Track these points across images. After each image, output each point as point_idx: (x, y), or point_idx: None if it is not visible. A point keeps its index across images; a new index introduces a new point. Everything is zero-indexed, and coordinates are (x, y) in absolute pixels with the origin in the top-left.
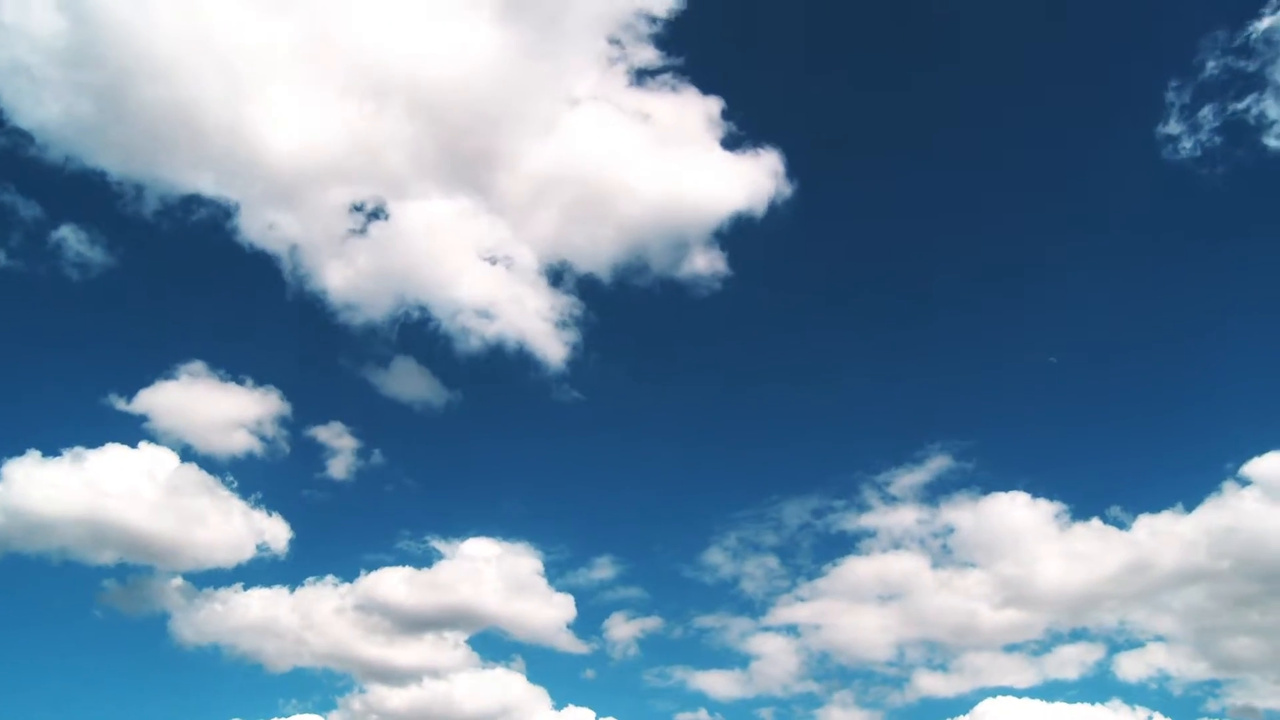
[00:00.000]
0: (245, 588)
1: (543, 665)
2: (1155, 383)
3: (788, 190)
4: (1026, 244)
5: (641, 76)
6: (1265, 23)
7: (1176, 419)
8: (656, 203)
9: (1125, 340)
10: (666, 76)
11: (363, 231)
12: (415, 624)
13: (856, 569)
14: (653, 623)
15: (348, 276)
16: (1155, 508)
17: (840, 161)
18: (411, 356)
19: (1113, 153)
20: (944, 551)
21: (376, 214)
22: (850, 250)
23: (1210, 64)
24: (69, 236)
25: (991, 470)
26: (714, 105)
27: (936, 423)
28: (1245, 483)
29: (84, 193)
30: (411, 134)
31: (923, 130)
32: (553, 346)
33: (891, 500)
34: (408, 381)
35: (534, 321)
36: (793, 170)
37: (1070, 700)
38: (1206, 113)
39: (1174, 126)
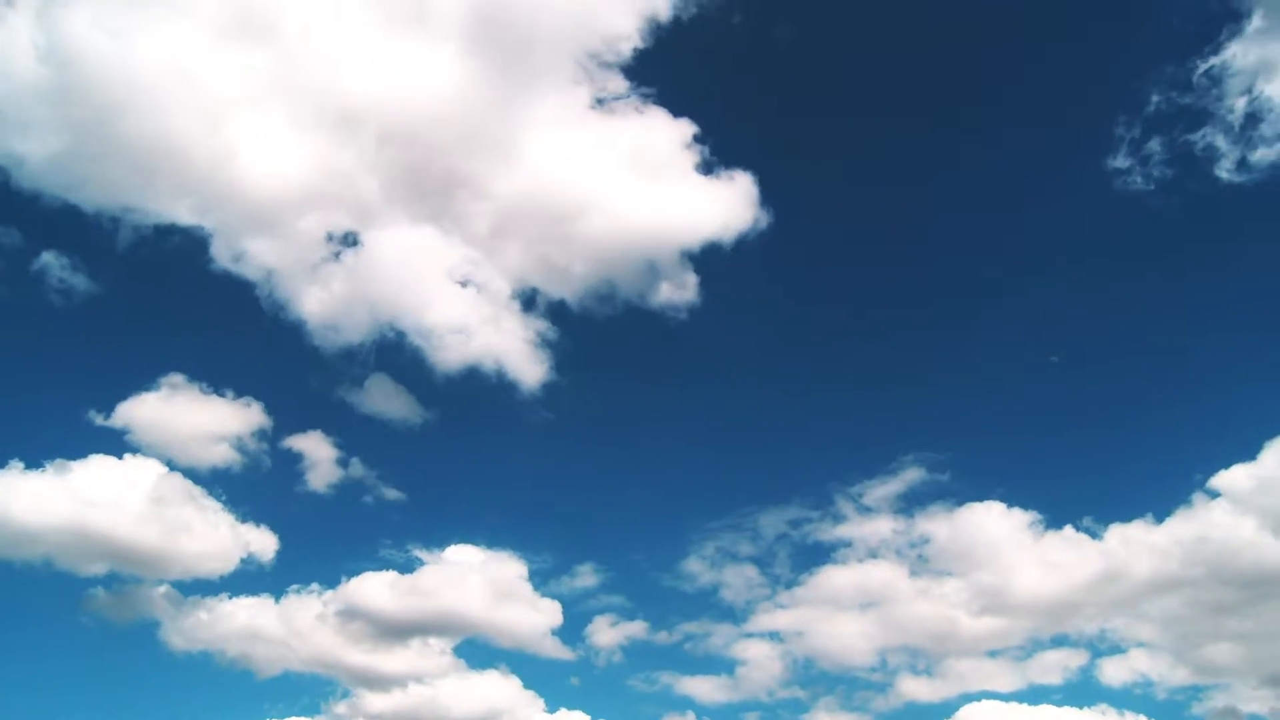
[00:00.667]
0: (231, 596)
1: (529, 671)
2: (1123, 398)
3: (759, 213)
4: (995, 267)
5: (611, 102)
6: (1211, 60)
7: (1145, 433)
8: (627, 227)
9: (1092, 358)
10: (637, 101)
11: (337, 258)
12: (401, 630)
13: (834, 578)
14: (637, 629)
15: (323, 301)
16: (1126, 518)
17: (811, 186)
18: (388, 376)
19: (1077, 182)
20: (921, 561)
21: (349, 241)
22: (820, 273)
23: (1159, 99)
24: (51, 263)
25: (965, 481)
26: (685, 130)
27: (909, 436)
28: (1214, 495)
29: (64, 222)
30: (382, 162)
31: (891, 159)
32: (527, 368)
33: (866, 511)
34: (385, 400)
35: (508, 344)
36: (764, 193)
37: (1055, 704)
38: (1156, 146)
39: (1123, 160)
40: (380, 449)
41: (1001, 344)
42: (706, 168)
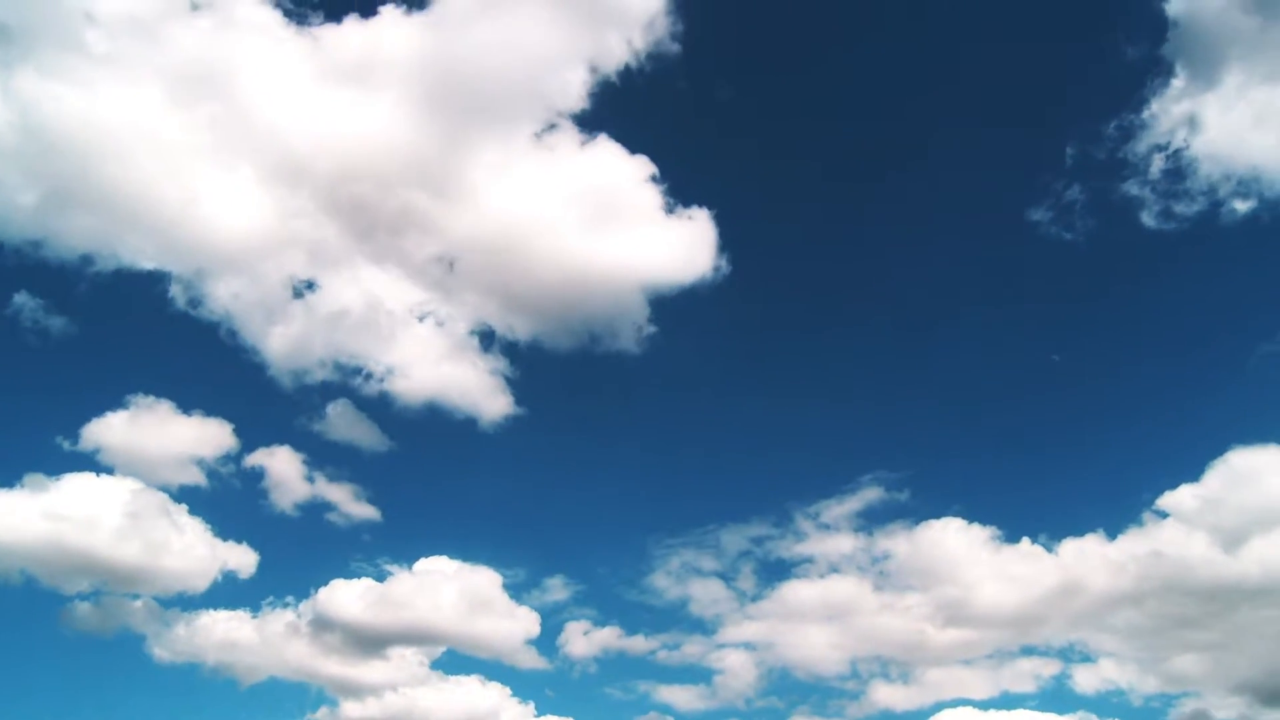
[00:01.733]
0: (211, 609)
1: (506, 680)
2: (1074, 421)
3: (717, 247)
4: (946, 300)
5: (563, 142)
6: (1136, 114)
7: (1095, 455)
8: (582, 264)
9: (1038, 385)
10: (596, 141)
11: (297, 298)
12: (379, 640)
13: (800, 591)
14: (611, 640)
15: (286, 339)
16: (1080, 533)
17: (766, 221)
18: (351, 404)
19: (1017, 224)
20: (883, 576)
21: (309, 284)
22: (775, 307)
23: (1085, 152)
24: (26, 304)
25: (922, 499)
26: (643, 170)
27: (866, 458)
28: (1163, 514)
29: (36, 267)
30: (339, 206)
31: (844, 196)
32: (488, 401)
33: (826, 528)
34: (350, 429)
35: (468, 378)
36: (722, 228)
37: (1032, 710)
38: (1081, 195)
39: (1047, 211)
40: (349, 469)
41: (955, 371)
42: (663, 205)
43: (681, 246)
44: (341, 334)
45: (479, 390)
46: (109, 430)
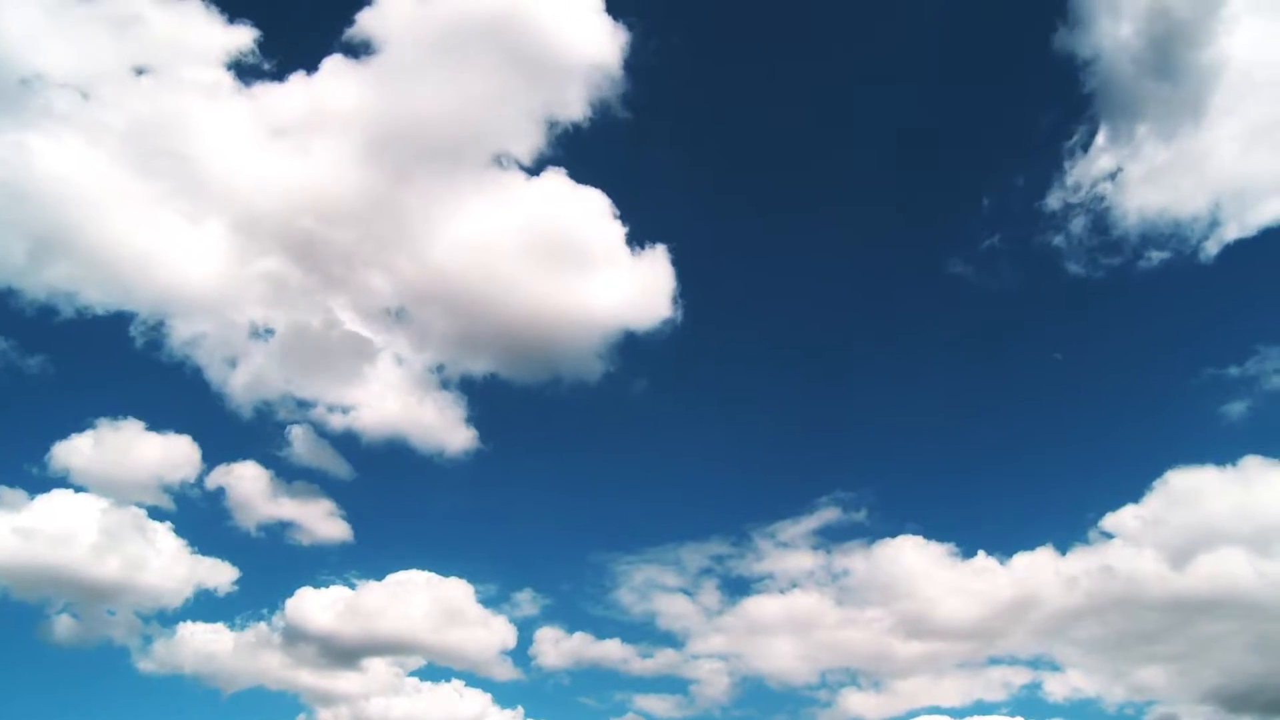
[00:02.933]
0: (190, 621)
1: (486, 690)
2: (1018, 444)
3: (676, 283)
4: (894, 330)
5: (518, 183)
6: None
7: (1042, 475)
8: (539, 303)
9: (986, 409)
10: (546, 182)
11: (258, 337)
12: (357, 651)
13: (763, 606)
14: (584, 652)
15: (248, 376)
16: (1032, 547)
17: (722, 261)
18: (315, 434)
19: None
20: (844, 591)
21: (268, 330)
22: (730, 340)
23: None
24: None
25: (879, 518)
26: (597, 209)
27: (823, 481)
28: (1109, 535)
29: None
30: (296, 250)
31: (794, 229)
32: (448, 437)
33: (784, 546)
34: (316, 458)
35: (428, 416)
36: (680, 266)
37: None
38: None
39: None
40: (317, 487)
41: (907, 398)
42: (619, 244)
43: (639, 283)
44: (301, 373)
45: (440, 425)
46: (78, 451)
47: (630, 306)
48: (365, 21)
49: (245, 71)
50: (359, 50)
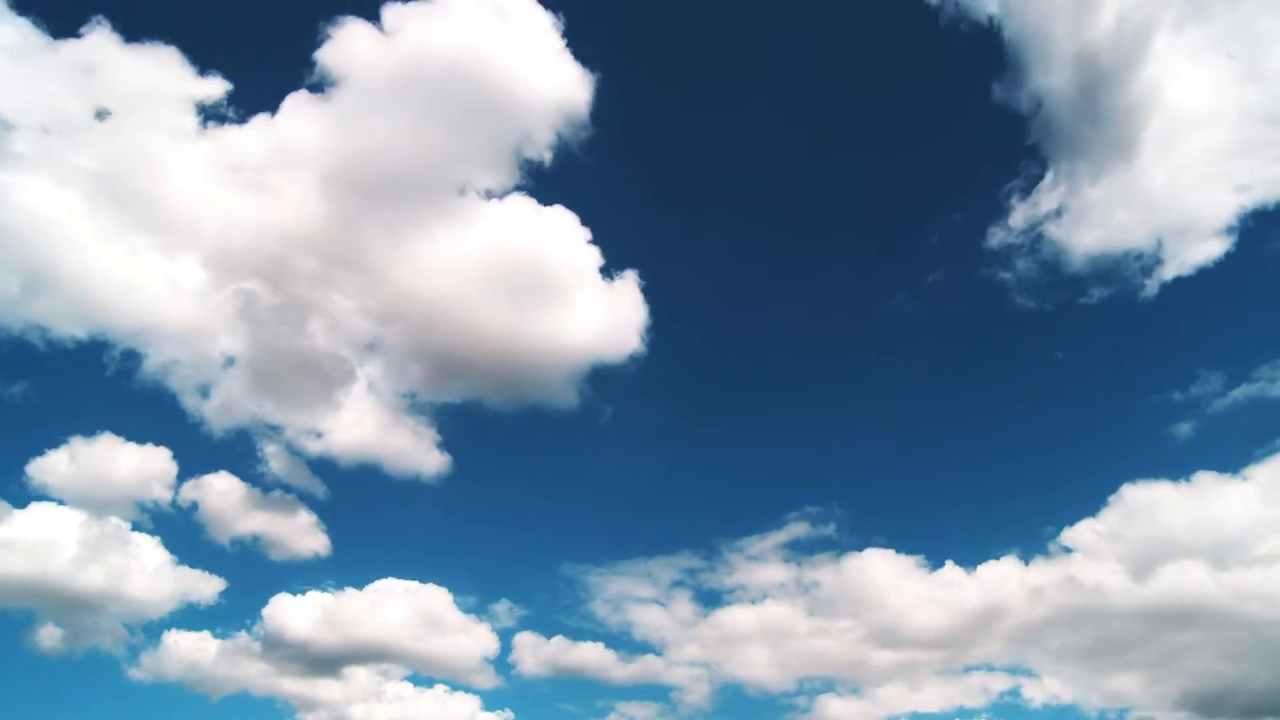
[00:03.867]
0: (176, 630)
1: (465, 696)
2: (981, 461)
3: (645, 310)
4: (861, 352)
5: (494, 210)
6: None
7: (1002, 490)
8: (509, 330)
9: (946, 428)
10: (519, 209)
11: (233, 365)
12: (340, 659)
13: (737, 616)
14: (564, 661)
15: (224, 399)
16: (998, 557)
17: (691, 288)
18: (288, 452)
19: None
20: (816, 602)
21: (241, 358)
22: (699, 365)
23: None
24: None
25: (847, 533)
26: (567, 238)
27: (791, 497)
28: (1069, 550)
29: None
30: (271, 281)
31: (758, 262)
32: (421, 460)
33: (754, 560)
34: (291, 477)
35: (401, 441)
36: (649, 293)
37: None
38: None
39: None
40: (295, 500)
41: (872, 417)
42: (590, 272)
43: (610, 310)
44: (273, 399)
45: (412, 450)
46: (57, 466)
47: (601, 333)
48: (329, 60)
49: (212, 115)
50: (323, 86)
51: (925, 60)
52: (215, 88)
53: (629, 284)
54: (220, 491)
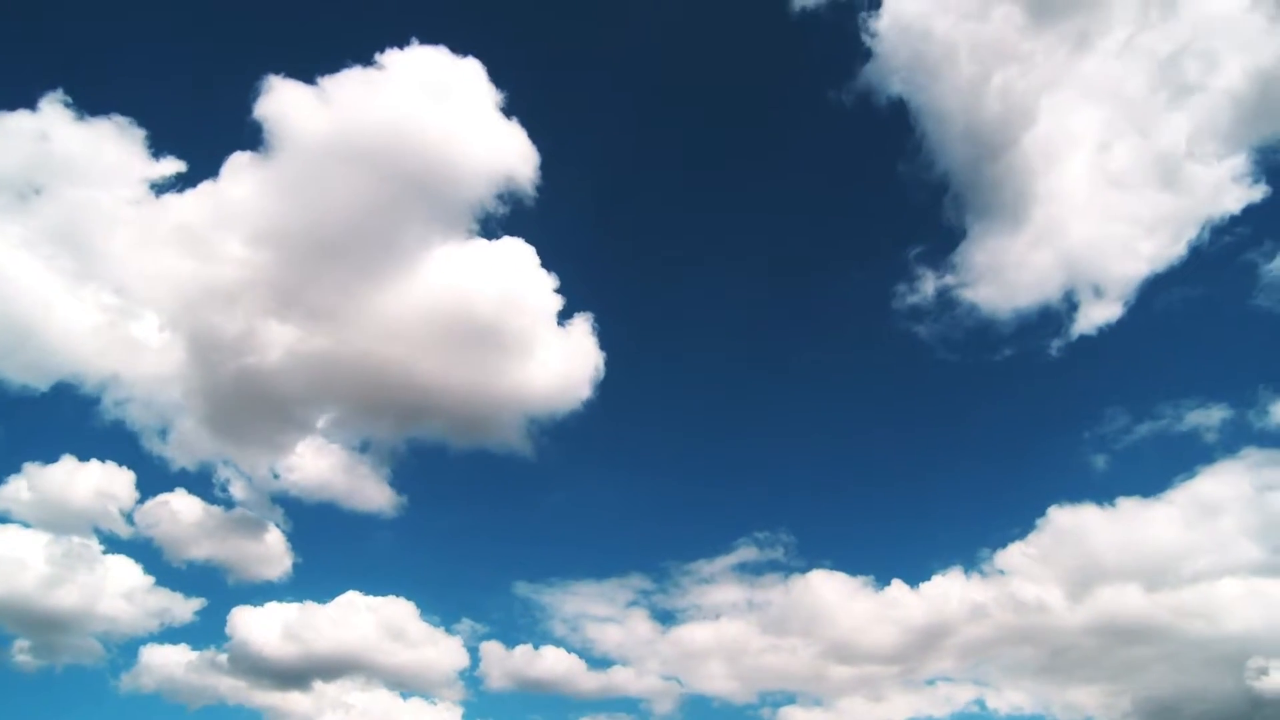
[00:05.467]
0: (155, 644)
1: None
2: (913, 486)
3: (600, 352)
4: (805, 393)
5: (441, 260)
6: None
7: (940, 515)
8: (461, 386)
9: (885, 460)
10: (466, 255)
11: (185, 412)
12: (307, 672)
13: (696, 633)
14: (531, 675)
15: (181, 442)
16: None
17: (648, 329)
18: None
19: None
20: (769, 620)
21: (194, 404)
22: (650, 414)
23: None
24: None
25: (795, 555)
26: (520, 283)
27: (741, 523)
28: (1004, 572)
29: None
30: (226, 331)
31: (704, 307)
32: (377, 499)
33: (706, 582)
34: (255, 509)
35: (356, 481)
36: (603, 333)
37: None
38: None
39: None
40: (260, 520)
41: (813, 452)
42: (546, 319)
43: (561, 355)
44: (230, 443)
45: (367, 490)
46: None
47: (553, 378)
48: (276, 123)
49: (162, 185)
50: (266, 148)
51: (841, 135)
52: (166, 161)
53: (581, 329)
54: (184, 512)
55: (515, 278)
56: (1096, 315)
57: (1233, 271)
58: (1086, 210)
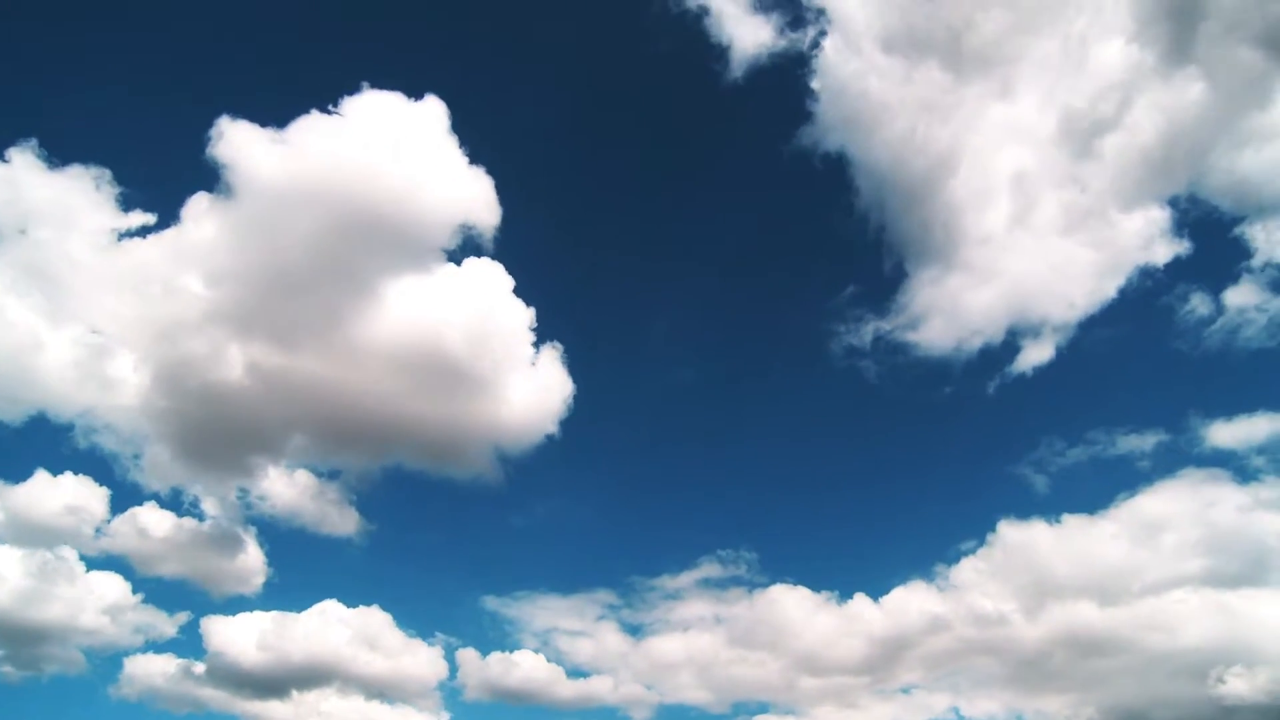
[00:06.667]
0: (131, 655)
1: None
2: (868, 504)
3: (570, 381)
4: (764, 419)
5: (406, 295)
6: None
7: (892, 535)
8: (429, 417)
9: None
10: (431, 291)
11: (158, 439)
12: (286, 681)
13: (666, 645)
14: (509, 688)
15: (153, 468)
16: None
17: (614, 359)
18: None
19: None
20: (738, 633)
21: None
22: (616, 441)
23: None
24: None
25: (758, 571)
26: (488, 315)
27: (703, 541)
28: (957, 588)
29: None
30: (196, 364)
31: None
32: (345, 525)
33: (672, 598)
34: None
35: (326, 510)
36: (571, 363)
37: None
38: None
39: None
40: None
41: (772, 476)
42: (511, 355)
43: (530, 387)
44: (201, 471)
45: (335, 516)
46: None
47: (519, 410)
48: (239, 168)
49: (129, 232)
50: (227, 192)
51: (785, 186)
52: (134, 209)
53: (549, 359)
54: (158, 527)
55: (480, 310)
56: (1032, 355)
57: (1151, 315)
58: (1014, 255)
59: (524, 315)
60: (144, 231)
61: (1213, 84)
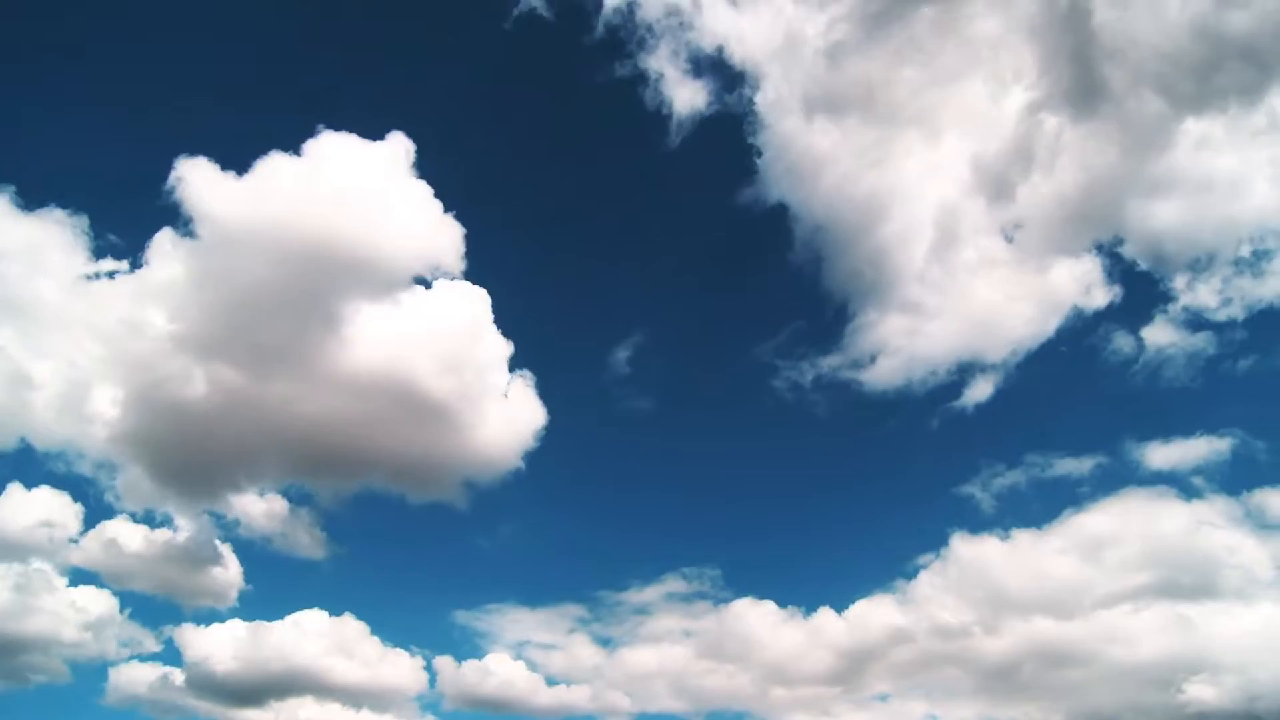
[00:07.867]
0: (115, 665)
1: None
2: (828, 523)
3: (540, 407)
4: (727, 438)
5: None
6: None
7: (843, 550)
8: (400, 446)
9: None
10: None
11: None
12: (264, 690)
13: (638, 657)
14: (488, 698)
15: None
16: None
17: (581, 389)
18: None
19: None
20: (708, 646)
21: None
22: (583, 462)
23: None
24: None
25: (722, 586)
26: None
27: (669, 557)
28: (915, 601)
29: None
30: (165, 396)
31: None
32: (313, 548)
33: (640, 612)
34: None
35: (297, 535)
36: (542, 390)
37: None
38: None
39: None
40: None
41: (735, 495)
42: (481, 386)
43: (499, 417)
44: (170, 497)
45: (304, 540)
46: None
47: (488, 438)
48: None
49: (100, 271)
50: (192, 232)
51: (735, 233)
52: (104, 252)
53: (520, 387)
54: (132, 541)
55: (448, 339)
56: (974, 392)
57: (1080, 354)
58: (949, 298)
59: (496, 343)
60: (115, 271)
61: (1123, 132)
